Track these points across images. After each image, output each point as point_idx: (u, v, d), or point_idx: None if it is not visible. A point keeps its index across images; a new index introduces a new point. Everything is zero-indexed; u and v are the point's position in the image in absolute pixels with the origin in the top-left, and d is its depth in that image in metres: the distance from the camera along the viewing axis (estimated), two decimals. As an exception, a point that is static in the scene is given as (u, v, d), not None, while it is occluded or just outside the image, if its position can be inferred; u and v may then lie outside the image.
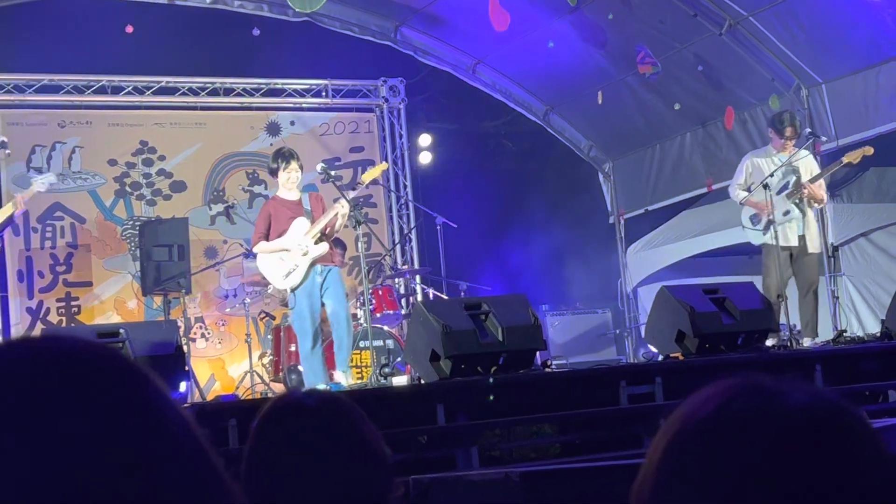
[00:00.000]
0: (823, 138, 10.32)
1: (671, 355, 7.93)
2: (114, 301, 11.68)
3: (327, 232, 8.17)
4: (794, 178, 9.02)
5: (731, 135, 11.53)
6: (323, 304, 8.13)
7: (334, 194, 8.48)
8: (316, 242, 8.12)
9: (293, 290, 8.05)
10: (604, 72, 12.01)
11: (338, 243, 9.15)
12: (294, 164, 8.27)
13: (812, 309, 8.99)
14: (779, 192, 8.99)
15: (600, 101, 11.89)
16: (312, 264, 8.06)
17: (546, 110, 13.30)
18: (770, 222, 8.84)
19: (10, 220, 7.57)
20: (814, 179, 8.98)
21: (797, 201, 8.99)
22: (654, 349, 8.64)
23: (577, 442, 7.12)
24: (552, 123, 13.41)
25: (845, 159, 8.96)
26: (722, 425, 0.93)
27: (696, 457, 0.93)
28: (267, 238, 8.17)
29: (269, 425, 1.96)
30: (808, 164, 9.15)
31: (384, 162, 10.14)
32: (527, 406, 6.92)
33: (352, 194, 8.36)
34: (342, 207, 8.13)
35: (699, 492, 0.92)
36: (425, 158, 13.21)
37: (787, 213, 8.99)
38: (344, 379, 7.98)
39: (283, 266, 8.09)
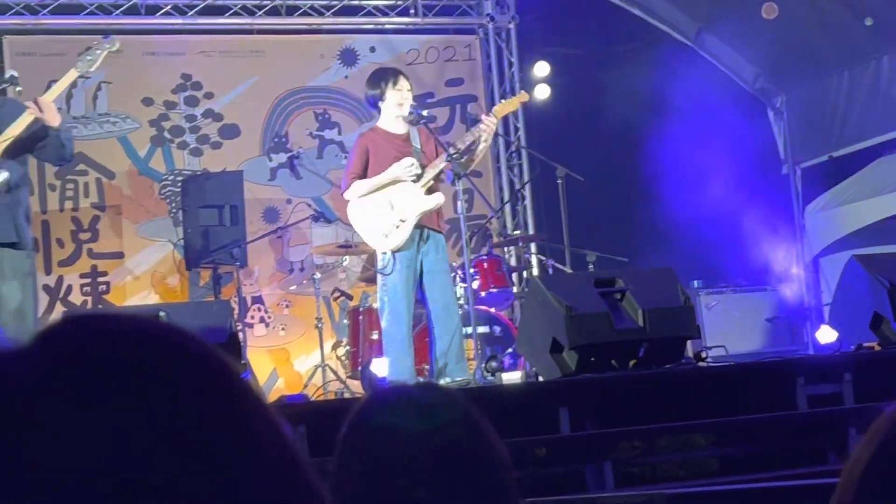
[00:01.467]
0: None
1: (865, 345, 7.84)
2: (151, 276, 11.87)
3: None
4: None
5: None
6: (421, 282, 8.18)
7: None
8: (428, 193, 8.16)
9: (393, 253, 8.08)
10: (774, -22, 11.85)
11: None
12: (404, 81, 8.32)
13: None
14: None
15: (773, 16, 11.71)
16: (418, 224, 8.10)
17: (698, 29, 13.18)
18: None
19: (57, 139, 7.57)
20: None
21: None
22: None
23: (739, 457, 7.09)
24: (706, 46, 13.28)
25: None
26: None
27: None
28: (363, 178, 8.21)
29: (367, 428, 1.98)
30: None
31: (524, 92, 10.06)
32: (674, 411, 6.91)
33: (483, 125, 8.31)
34: (488, 125, 8.14)
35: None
36: (542, 93, 13.16)
37: None
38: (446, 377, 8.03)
39: (384, 221, 8.11)
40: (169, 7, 12.21)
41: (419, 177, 8.11)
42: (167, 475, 0.87)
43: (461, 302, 9.47)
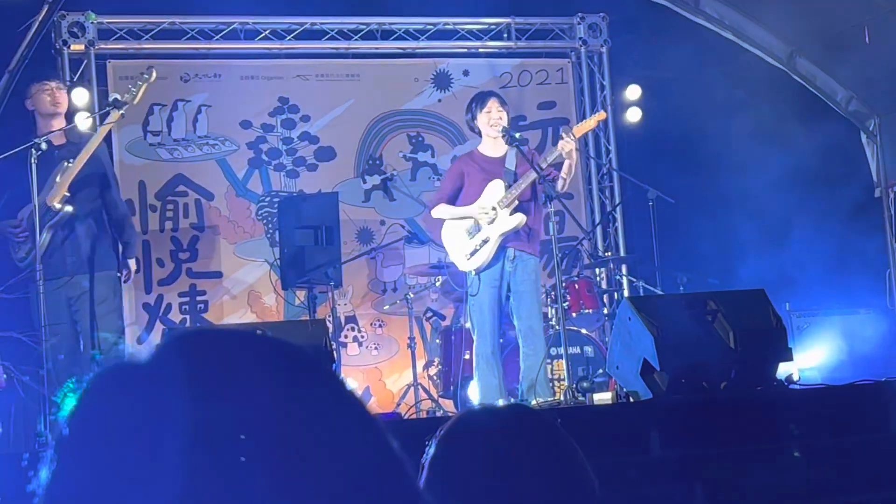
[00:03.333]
0: None
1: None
2: (248, 295, 11.98)
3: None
4: None
5: None
6: (508, 302, 8.17)
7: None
8: (512, 213, 8.15)
9: (477, 273, 8.08)
10: (868, 1, 11.72)
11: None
12: (494, 102, 8.34)
13: None
14: None
15: (867, 40, 11.59)
16: (503, 244, 8.09)
17: (791, 52, 13.07)
18: None
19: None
20: None
21: None
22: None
23: (834, 479, 6.98)
24: (799, 69, 13.17)
25: None
26: None
27: None
28: (453, 203, 8.22)
29: (455, 446, 1.96)
30: None
31: (602, 111, 10.08)
32: (767, 433, 6.83)
33: (562, 145, 8.30)
34: (566, 143, 8.14)
35: None
36: (634, 116, 13.11)
37: None
38: (533, 397, 8.01)
39: (468, 241, 8.13)
40: (267, 32, 12.33)
41: (493, 220, 8.10)
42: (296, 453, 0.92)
43: (552, 322, 9.45)
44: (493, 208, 8.12)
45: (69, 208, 7.58)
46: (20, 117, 8.46)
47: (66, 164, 7.54)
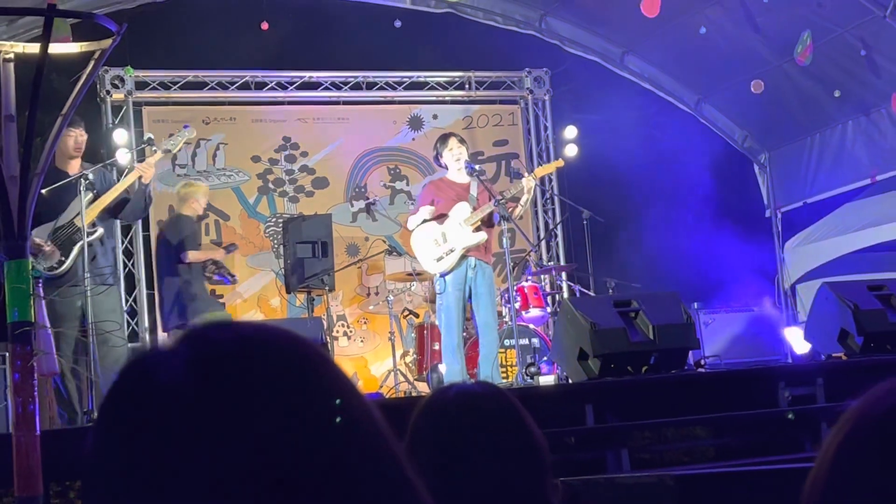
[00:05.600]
0: None
1: (833, 355, 7.76)
2: (257, 298, 11.95)
3: (490, 219, 8.16)
4: None
5: (896, 123, 11.21)
6: (469, 302, 8.17)
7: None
8: (475, 231, 8.16)
9: (443, 276, 8.08)
10: (759, 58, 11.78)
11: None
12: (453, 141, 8.35)
13: None
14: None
15: (760, 91, 11.64)
16: (466, 255, 8.09)
17: (697, 100, 13.13)
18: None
19: (144, 199, 7.63)
20: None
21: None
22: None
23: (732, 445, 7.01)
24: (704, 113, 13.23)
25: None
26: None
27: (873, 455, 0.92)
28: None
29: (433, 415, 1.98)
30: None
31: (559, 160, 10.15)
32: (679, 407, 6.86)
33: (525, 183, 8.31)
34: (528, 182, 8.16)
35: (876, 492, 0.91)
36: (571, 151, 13.15)
37: None
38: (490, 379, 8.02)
39: (436, 249, 8.13)
40: (273, 83, 12.34)
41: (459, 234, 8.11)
42: (296, 441, 0.88)
43: (506, 319, 9.46)
44: (460, 224, 8.13)
45: (101, 230, 7.50)
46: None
47: (91, 193, 7.38)
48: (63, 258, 7.24)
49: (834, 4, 10.65)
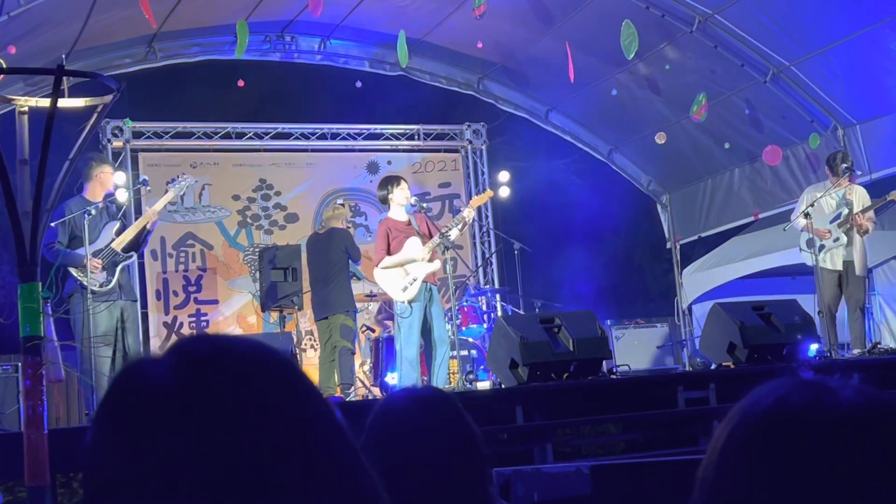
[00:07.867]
0: (859, 172, 10.12)
1: (723, 364, 7.83)
2: (236, 316, 11.85)
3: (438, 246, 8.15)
4: (847, 210, 8.86)
5: (774, 170, 11.36)
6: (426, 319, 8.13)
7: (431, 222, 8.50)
8: (430, 261, 8.12)
9: (410, 303, 8.01)
10: (661, 116, 11.92)
11: None
12: (405, 183, 8.33)
13: (860, 325, 8.81)
14: (831, 221, 8.86)
15: (662, 142, 11.74)
16: (424, 281, 8.07)
17: (610, 150, 13.24)
18: (821, 247, 8.76)
19: (147, 234, 7.70)
20: (865, 210, 8.80)
21: (847, 230, 8.83)
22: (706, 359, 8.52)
23: (639, 440, 7.05)
24: (615, 161, 13.34)
25: (889, 196, 8.78)
26: (778, 416, 0.93)
27: (753, 447, 0.93)
28: (388, 254, 8.15)
29: (388, 415, 1.98)
30: (861, 197, 8.96)
31: (489, 189, 10.13)
32: (594, 408, 6.88)
33: (465, 213, 8.30)
34: (468, 213, 8.15)
35: (756, 477, 0.92)
36: (504, 192, 13.21)
37: (836, 239, 8.84)
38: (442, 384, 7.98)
39: (403, 280, 8.07)
40: (251, 133, 12.29)
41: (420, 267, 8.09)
42: (272, 445, 0.87)
43: (450, 334, 9.45)
44: (422, 259, 8.09)
45: (133, 254, 7.66)
46: (68, 190, 8.28)
47: (118, 223, 7.53)
48: (110, 276, 7.32)
49: (724, 71, 10.82)
